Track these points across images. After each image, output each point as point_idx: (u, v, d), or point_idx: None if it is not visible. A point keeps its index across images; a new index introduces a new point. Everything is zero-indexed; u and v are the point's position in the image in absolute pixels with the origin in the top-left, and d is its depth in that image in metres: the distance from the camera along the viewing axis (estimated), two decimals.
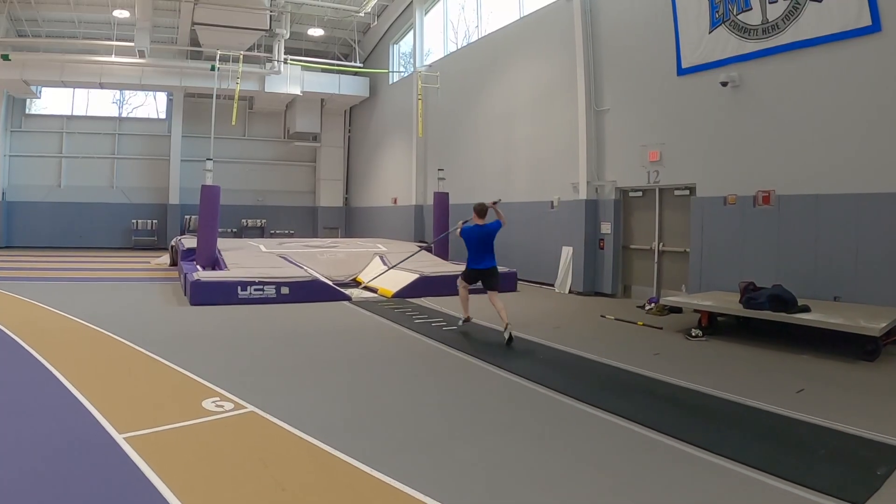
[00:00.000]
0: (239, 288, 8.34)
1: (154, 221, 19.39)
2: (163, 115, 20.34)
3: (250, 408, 3.93)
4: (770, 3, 7.36)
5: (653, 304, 8.09)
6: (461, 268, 10.01)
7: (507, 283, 10.09)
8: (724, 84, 7.85)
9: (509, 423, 3.86)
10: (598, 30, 10.06)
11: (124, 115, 20.21)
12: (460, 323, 6.82)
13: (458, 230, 6.61)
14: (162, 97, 20.33)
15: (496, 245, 6.59)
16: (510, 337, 5.98)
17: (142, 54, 16.37)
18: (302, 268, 9.76)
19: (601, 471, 3.11)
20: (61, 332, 6.26)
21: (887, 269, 6.27)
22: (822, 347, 5.83)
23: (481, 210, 6.53)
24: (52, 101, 19.44)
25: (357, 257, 11.27)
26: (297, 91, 18.49)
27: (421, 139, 15.66)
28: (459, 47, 15.06)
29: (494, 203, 6.77)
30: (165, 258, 14.17)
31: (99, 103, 19.84)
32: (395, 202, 17.72)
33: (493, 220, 6.59)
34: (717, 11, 8.03)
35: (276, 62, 17.19)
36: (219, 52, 12.85)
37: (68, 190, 18.88)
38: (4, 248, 17.56)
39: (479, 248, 6.42)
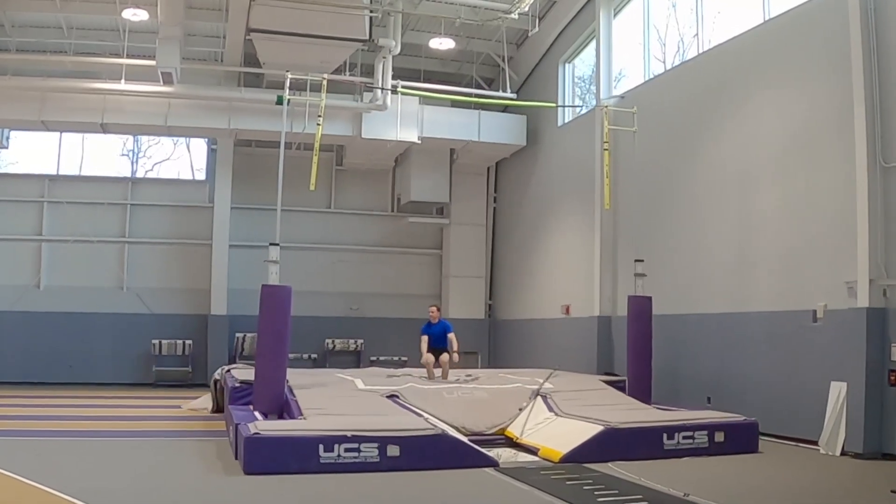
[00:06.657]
0: (321, 447, 10.17)
1: (188, 343, 23.00)
2: (201, 175, 24.75)
3: None
4: None
5: None
6: (667, 415, 12.97)
7: (744, 440, 12.57)
8: None
9: None
10: (885, 40, 12.39)
11: (140, 174, 24.65)
12: None
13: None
14: (200, 146, 24.85)
15: None
16: None
17: (168, 78, 19.39)
18: (420, 415, 12.23)
19: None
20: None
21: None
22: None
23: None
24: (26, 154, 23.62)
25: (507, 398, 14.01)
26: (412, 137, 21.99)
27: (608, 212, 18.63)
28: (668, 67, 18.29)
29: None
30: (206, 400, 17.72)
31: (100, 157, 24.21)
32: (568, 311, 20.99)
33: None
34: None
35: (379, 91, 20.31)
36: (289, 76, 14.52)
37: (52, 293, 22.66)
38: None
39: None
